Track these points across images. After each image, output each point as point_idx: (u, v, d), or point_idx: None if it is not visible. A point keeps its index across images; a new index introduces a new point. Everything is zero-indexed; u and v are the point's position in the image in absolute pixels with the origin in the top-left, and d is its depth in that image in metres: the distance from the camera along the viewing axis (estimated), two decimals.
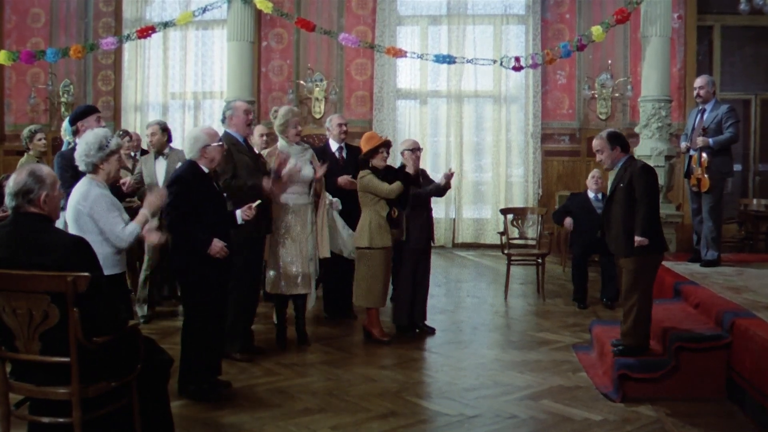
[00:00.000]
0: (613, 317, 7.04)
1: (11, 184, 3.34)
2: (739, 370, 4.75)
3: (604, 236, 5.26)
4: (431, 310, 6.74)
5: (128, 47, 11.74)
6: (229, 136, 5.52)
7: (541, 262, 8.10)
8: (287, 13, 10.38)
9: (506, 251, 8.18)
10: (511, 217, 8.50)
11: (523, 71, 10.06)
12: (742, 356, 4.72)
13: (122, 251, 4.28)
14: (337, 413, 4.57)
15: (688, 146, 7.21)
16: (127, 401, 3.49)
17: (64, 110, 11.82)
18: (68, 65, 11.83)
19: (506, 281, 8.13)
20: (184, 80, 12.09)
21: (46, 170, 3.40)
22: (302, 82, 11.77)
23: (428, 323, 6.57)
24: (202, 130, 4.89)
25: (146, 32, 9.95)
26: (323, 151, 6.80)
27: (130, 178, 6.62)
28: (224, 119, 5.66)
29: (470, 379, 5.27)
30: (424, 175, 6.67)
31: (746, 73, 11.69)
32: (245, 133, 5.67)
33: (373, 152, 6.12)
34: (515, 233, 8.62)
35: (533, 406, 4.72)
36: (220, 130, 5.36)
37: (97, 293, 3.25)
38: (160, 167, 6.76)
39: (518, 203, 11.24)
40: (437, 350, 6.06)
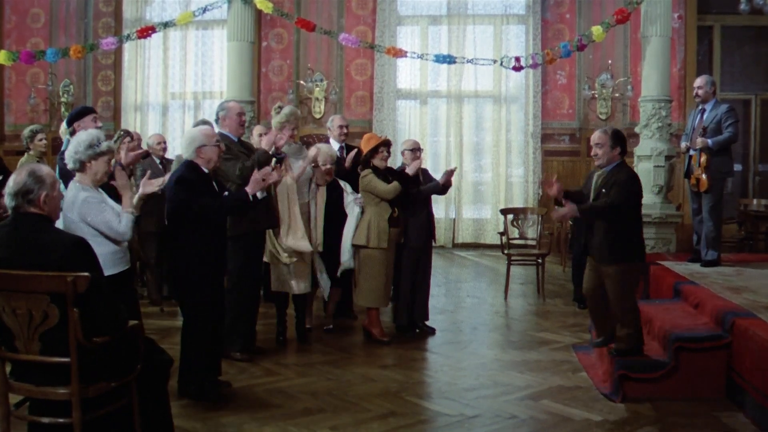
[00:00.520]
0: None
1: (11, 184, 3.34)
2: (739, 370, 4.75)
3: (587, 243, 5.22)
4: (431, 310, 6.74)
5: (128, 47, 11.74)
6: (223, 136, 5.53)
7: (541, 262, 8.10)
8: (287, 13, 10.37)
9: (506, 251, 8.18)
10: (511, 217, 8.50)
11: (523, 71, 10.05)
12: (742, 356, 4.72)
13: (122, 246, 4.24)
14: (337, 413, 4.57)
15: (688, 146, 7.21)
16: (127, 401, 3.49)
17: (63, 110, 11.81)
18: (68, 65, 11.82)
19: (506, 281, 8.13)
20: (184, 80, 12.09)
21: (45, 170, 3.39)
22: (302, 82, 11.77)
23: (428, 323, 6.57)
24: (199, 130, 4.87)
25: (146, 32, 9.93)
26: None
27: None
28: (218, 119, 5.69)
29: (470, 379, 5.28)
30: (425, 174, 6.66)
31: (746, 73, 11.68)
32: (238, 133, 5.69)
33: (373, 152, 6.13)
34: (515, 233, 8.62)
35: (533, 406, 4.72)
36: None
37: (97, 293, 3.25)
38: None
39: (518, 203, 11.22)
40: (437, 350, 6.06)
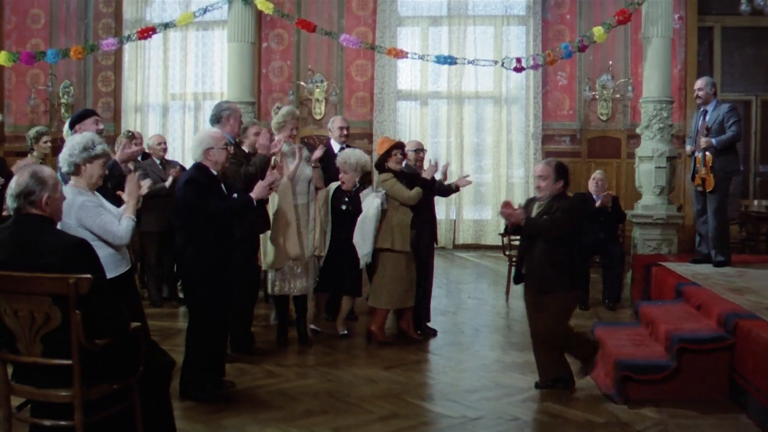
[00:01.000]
0: (614, 319, 7.06)
1: (13, 185, 3.32)
2: (741, 371, 4.74)
3: (522, 272, 5.15)
4: (432, 311, 6.72)
5: (128, 48, 11.71)
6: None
7: None
8: (288, 14, 10.36)
9: (507, 252, 8.17)
10: None
11: (523, 72, 10.04)
12: (745, 358, 4.72)
13: (122, 248, 4.21)
14: (338, 415, 4.56)
15: (693, 149, 7.18)
16: (129, 403, 3.47)
17: (64, 111, 11.79)
18: (68, 66, 11.80)
19: (507, 282, 8.11)
20: (184, 81, 12.06)
21: (47, 172, 3.38)
22: (303, 83, 11.76)
23: (430, 325, 6.56)
24: (207, 132, 4.90)
25: (146, 33, 9.91)
26: (325, 151, 6.84)
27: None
28: (219, 119, 5.48)
29: (472, 380, 5.27)
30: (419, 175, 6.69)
31: (747, 73, 11.66)
32: (236, 135, 5.69)
33: (386, 155, 6.16)
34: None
35: (535, 407, 4.72)
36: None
37: (98, 295, 3.24)
38: None
39: None
40: (439, 352, 6.05)
